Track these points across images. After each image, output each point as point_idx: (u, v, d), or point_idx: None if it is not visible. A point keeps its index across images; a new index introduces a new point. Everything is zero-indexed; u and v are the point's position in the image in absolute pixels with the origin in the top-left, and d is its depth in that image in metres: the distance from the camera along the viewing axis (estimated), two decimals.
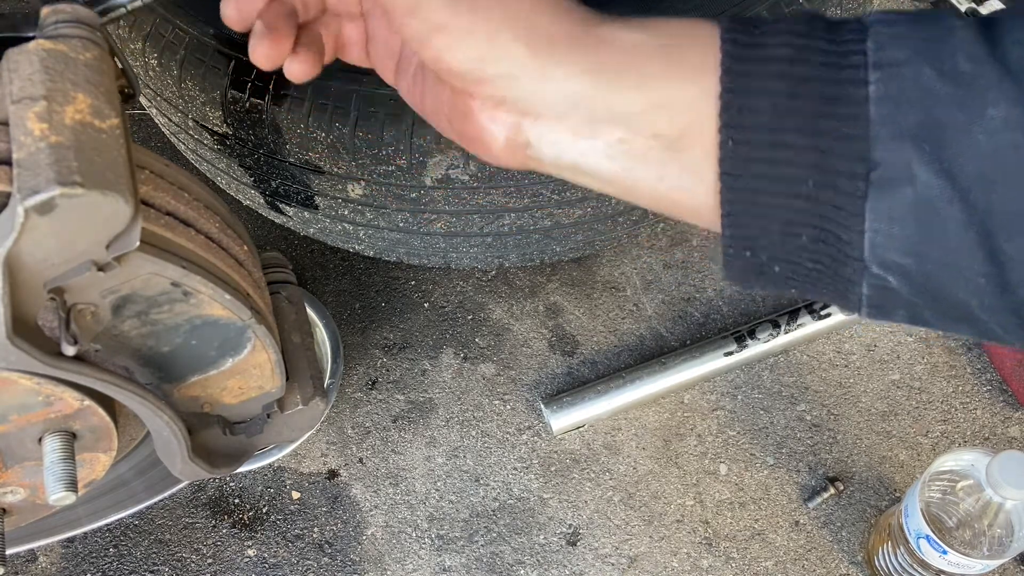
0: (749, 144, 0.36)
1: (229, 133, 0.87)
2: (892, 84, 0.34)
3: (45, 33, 0.47)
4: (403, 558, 1.03)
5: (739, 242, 0.38)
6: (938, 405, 1.10)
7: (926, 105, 0.34)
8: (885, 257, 0.36)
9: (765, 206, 0.37)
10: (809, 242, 0.37)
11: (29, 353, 0.49)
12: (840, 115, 0.35)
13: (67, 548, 1.04)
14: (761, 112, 0.36)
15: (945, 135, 0.34)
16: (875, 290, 0.37)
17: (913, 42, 0.34)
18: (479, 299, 1.19)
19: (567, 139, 0.39)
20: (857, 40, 0.35)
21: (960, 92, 0.34)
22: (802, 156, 0.35)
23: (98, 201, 0.44)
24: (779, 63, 0.36)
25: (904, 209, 0.34)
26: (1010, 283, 0.35)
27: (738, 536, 1.03)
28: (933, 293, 0.36)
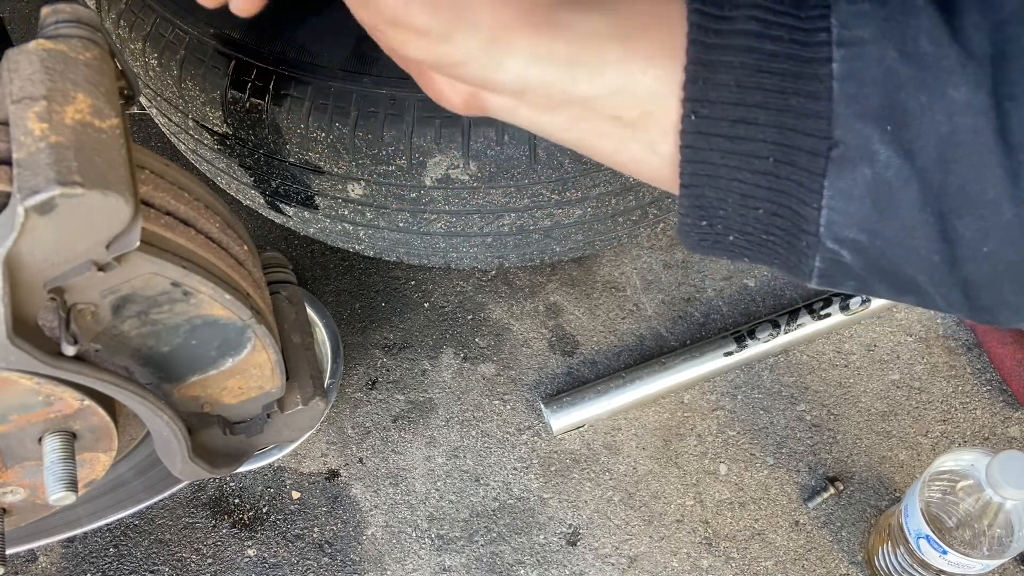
0: (712, 119, 0.36)
1: (229, 133, 0.87)
2: (856, 63, 0.34)
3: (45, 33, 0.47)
4: (403, 558, 1.03)
5: (695, 211, 0.38)
6: (938, 405, 1.10)
7: (889, 86, 0.34)
8: (840, 233, 0.36)
9: (724, 179, 0.37)
10: (765, 215, 0.37)
11: (29, 353, 0.49)
12: (804, 92, 0.34)
13: (67, 548, 1.04)
14: (726, 86, 0.35)
15: (907, 116, 0.34)
16: (828, 263, 0.37)
17: (877, 21, 0.34)
18: (479, 299, 1.19)
19: (524, 111, 0.40)
20: (822, 16, 0.35)
21: (922, 74, 0.34)
22: (765, 132, 0.35)
23: (98, 201, 0.44)
24: (747, 36, 0.35)
25: (862, 188, 0.35)
26: (958, 259, 0.35)
27: (738, 536, 1.03)
28: (884, 268, 0.37)
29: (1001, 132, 0.33)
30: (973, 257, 0.35)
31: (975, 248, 0.35)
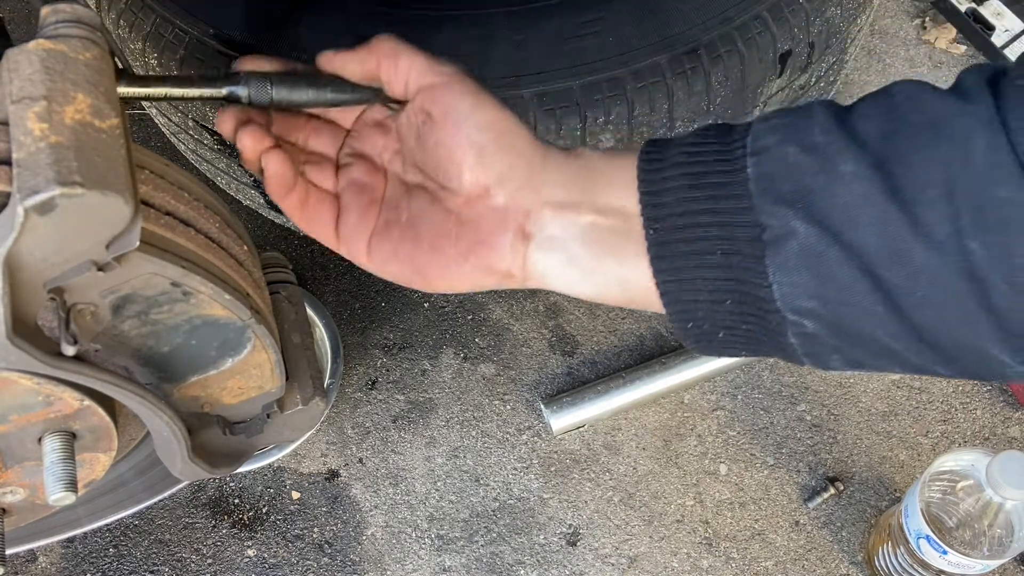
0: (666, 230, 0.45)
1: None
2: (765, 165, 0.43)
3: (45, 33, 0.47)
4: (403, 558, 1.03)
5: (680, 315, 0.46)
6: (938, 405, 1.10)
7: (793, 174, 0.42)
8: (795, 304, 0.43)
9: (690, 280, 0.45)
10: (734, 305, 0.45)
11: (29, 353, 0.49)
12: (731, 195, 0.44)
13: (67, 548, 1.04)
14: (671, 204, 0.45)
15: (812, 194, 0.42)
16: (800, 337, 0.44)
17: (781, 129, 0.44)
18: (479, 299, 1.19)
19: (559, 227, 0.48)
20: (741, 138, 0.45)
21: (818, 160, 0.42)
22: (708, 231, 0.44)
23: (98, 201, 0.44)
24: (680, 167, 0.46)
25: (795, 258, 0.42)
26: (902, 308, 0.41)
27: (738, 536, 1.03)
28: (845, 330, 0.43)
29: (892, 192, 0.40)
30: (913, 305, 0.41)
31: (910, 294, 0.41)
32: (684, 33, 0.82)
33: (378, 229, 0.53)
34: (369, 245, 0.53)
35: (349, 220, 0.53)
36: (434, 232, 0.51)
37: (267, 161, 0.52)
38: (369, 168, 0.54)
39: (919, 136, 0.41)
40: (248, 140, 0.52)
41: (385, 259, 0.53)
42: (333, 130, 0.56)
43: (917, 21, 1.41)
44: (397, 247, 0.52)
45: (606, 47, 0.81)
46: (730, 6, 0.83)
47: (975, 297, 0.40)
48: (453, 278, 0.51)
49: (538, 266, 0.50)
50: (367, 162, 0.55)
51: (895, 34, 1.40)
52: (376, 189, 0.54)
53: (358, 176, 0.54)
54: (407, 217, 0.52)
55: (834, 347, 0.44)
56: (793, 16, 0.85)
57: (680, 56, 0.82)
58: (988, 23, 1.35)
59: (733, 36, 0.83)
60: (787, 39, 0.86)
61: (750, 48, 0.84)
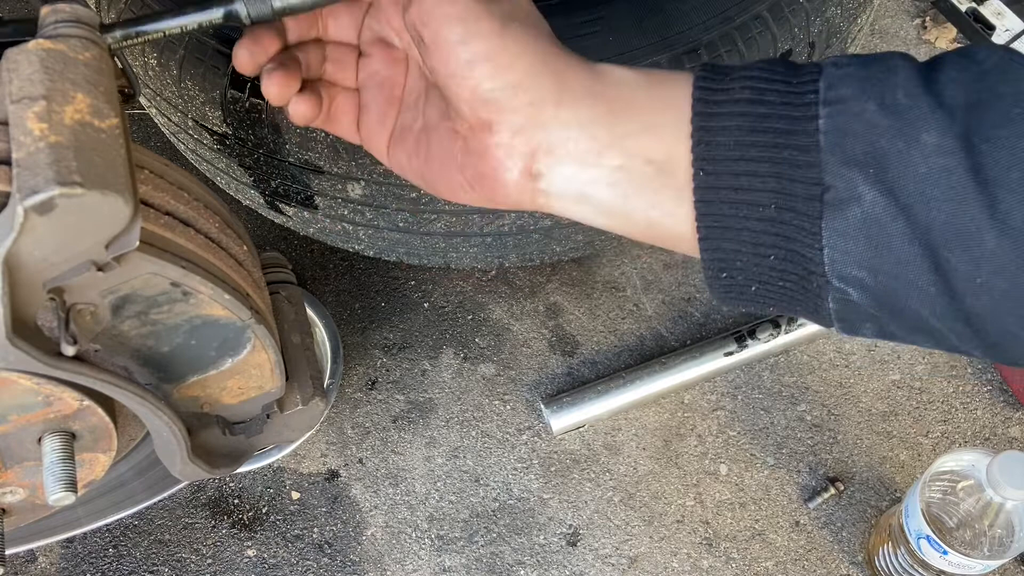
0: (717, 174, 0.41)
1: (229, 133, 0.87)
2: (839, 118, 0.40)
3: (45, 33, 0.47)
4: (403, 558, 1.03)
5: (716, 264, 0.43)
6: (938, 405, 1.10)
7: (869, 135, 0.39)
8: (843, 271, 0.40)
9: (735, 229, 0.42)
10: (777, 262, 0.42)
11: (29, 353, 0.48)
12: (795, 145, 0.40)
13: (67, 548, 1.04)
14: (726, 146, 0.41)
15: (887, 160, 0.39)
16: (840, 303, 0.42)
17: (859, 81, 0.40)
18: (479, 299, 1.19)
19: (575, 168, 0.44)
20: (812, 80, 0.41)
21: (898, 123, 0.39)
22: (764, 183, 0.40)
23: (98, 201, 0.43)
24: (741, 104, 0.41)
25: (855, 226, 0.39)
26: (956, 292, 0.39)
27: (738, 536, 1.03)
28: (890, 304, 0.41)
29: (974, 170, 0.37)
30: (969, 289, 0.39)
31: (969, 279, 0.39)
32: (684, 33, 0.82)
33: (395, 133, 0.51)
34: (388, 146, 0.51)
35: (369, 120, 0.51)
36: (443, 153, 0.48)
37: (294, 108, 0.50)
38: (390, 56, 0.51)
39: (1009, 111, 0.38)
40: (274, 89, 0.49)
41: (402, 165, 0.51)
42: (352, 10, 0.52)
43: (917, 21, 1.41)
44: (411, 157, 0.50)
45: (606, 47, 0.81)
46: (730, 6, 0.83)
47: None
48: (462, 199, 0.49)
49: (549, 202, 0.46)
50: (387, 49, 0.51)
51: (895, 34, 1.40)
52: (396, 84, 0.51)
53: (378, 68, 0.51)
54: (420, 126, 0.50)
55: (872, 317, 0.42)
56: (793, 16, 0.85)
57: (680, 56, 0.82)
58: (988, 23, 1.35)
59: (733, 36, 0.83)
60: (787, 39, 0.86)
61: (750, 48, 0.84)
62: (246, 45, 0.49)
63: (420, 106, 0.50)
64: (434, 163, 0.49)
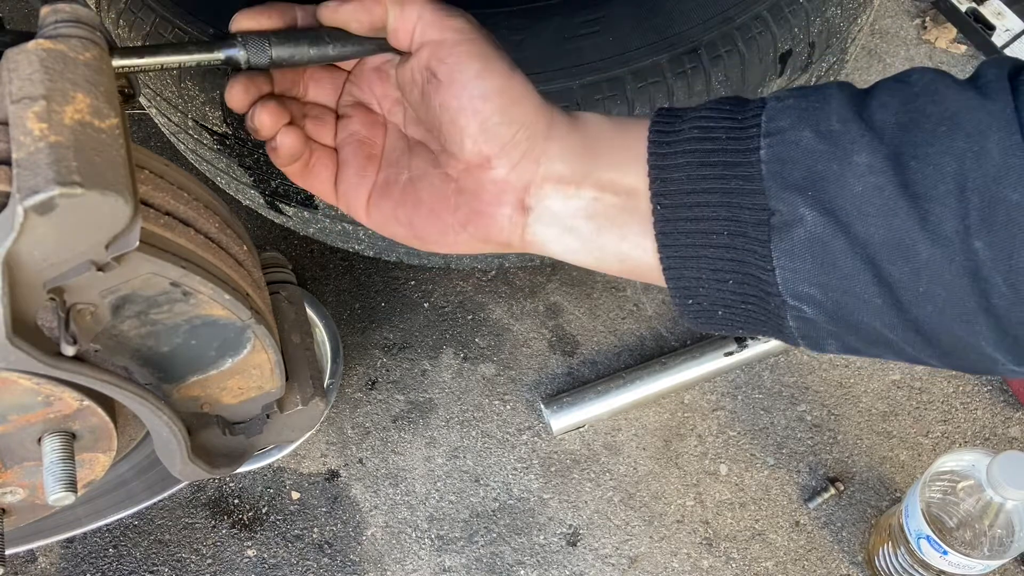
0: (673, 207, 0.45)
1: (229, 133, 0.87)
2: (779, 147, 0.43)
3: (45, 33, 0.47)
4: (403, 558, 1.03)
5: (681, 291, 0.46)
6: (938, 405, 1.10)
7: (806, 160, 0.42)
8: (796, 289, 0.43)
9: (694, 258, 0.45)
10: (736, 285, 0.45)
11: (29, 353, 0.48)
12: (741, 176, 0.43)
13: (67, 548, 1.04)
14: (679, 181, 0.45)
15: (824, 182, 0.42)
16: (798, 321, 0.44)
17: (796, 111, 0.43)
18: (479, 299, 1.19)
19: (560, 201, 0.48)
20: (755, 115, 0.44)
21: (832, 147, 0.42)
22: (716, 212, 0.44)
23: (98, 201, 0.43)
24: (691, 142, 0.45)
25: (801, 245, 0.42)
26: (902, 302, 0.42)
27: (738, 536, 1.03)
28: (844, 319, 0.43)
29: (904, 185, 0.40)
30: (913, 299, 0.41)
31: (911, 289, 0.41)
32: (684, 33, 0.82)
33: (377, 187, 0.52)
34: (368, 203, 0.53)
35: (348, 176, 0.53)
36: (433, 197, 0.51)
37: (282, 139, 0.52)
38: (369, 119, 0.54)
39: (935, 129, 0.41)
40: (267, 119, 0.51)
41: (384, 219, 0.52)
42: (333, 76, 0.54)
43: (917, 21, 1.41)
44: (396, 209, 0.52)
45: (606, 47, 0.81)
46: (730, 6, 0.83)
47: (975, 296, 0.40)
48: (451, 244, 0.51)
49: (536, 237, 0.49)
50: (367, 113, 0.54)
51: (895, 34, 1.40)
52: (375, 144, 0.53)
53: (357, 129, 0.53)
54: (407, 178, 0.52)
55: (831, 332, 0.44)
56: (793, 16, 0.85)
57: (680, 56, 0.82)
58: (988, 23, 1.35)
59: (733, 36, 0.83)
60: (787, 39, 0.86)
61: (750, 48, 0.84)
62: (242, 82, 0.52)
63: (404, 161, 0.52)
64: (423, 209, 0.51)
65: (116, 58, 0.49)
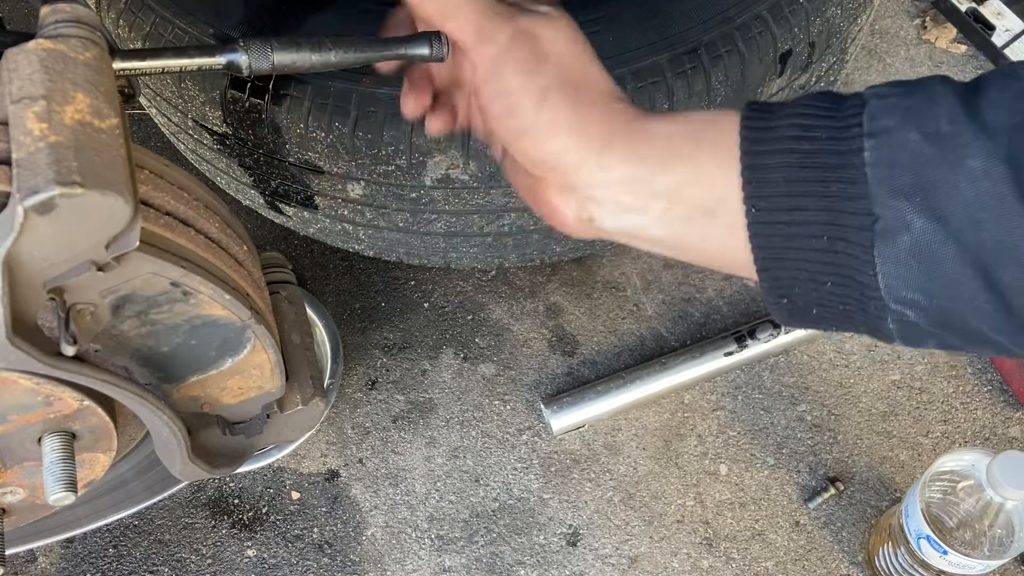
0: (769, 210, 0.43)
1: (229, 133, 0.87)
2: (885, 150, 0.41)
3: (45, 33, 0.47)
4: (403, 558, 1.03)
5: (776, 292, 0.45)
6: (938, 405, 1.10)
7: (915, 164, 0.40)
8: (899, 295, 0.42)
9: (791, 260, 0.44)
10: (834, 288, 0.44)
11: (29, 353, 0.49)
12: (843, 179, 0.41)
13: (67, 548, 1.04)
14: (776, 183, 0.43)
15: (934, 188, 0.40)
16: (899, 324, 0.43)
17: (902, 111, 0.41)
18: (479, 299, 1.19)
19: (622, 214, 0.48)
20: (855, 113, 0.42)
21: (942, 151, 0.40)
22: (816, 216, 0.42)
23: (98, 201, 0.44)
24: (788, 141, 0.43)
25: (907, 252, 0.40)
26: (1013, 307, 0.40)
27: (738, 536, 1.03)
28: (949, 323, 0.42)
29: (1021, 191, 0.38)
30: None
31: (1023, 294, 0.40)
32: (684, 33, 0.82)
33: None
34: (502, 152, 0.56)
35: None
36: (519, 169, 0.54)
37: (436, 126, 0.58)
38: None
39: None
40: (438, 125, 0.58)
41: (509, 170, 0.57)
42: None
43: (917, 21, 1.41)
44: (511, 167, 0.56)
45: (606, 47, 0.81)
46: (730, 6, 0.83)
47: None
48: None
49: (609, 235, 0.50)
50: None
51: (895, 34, 1.40)
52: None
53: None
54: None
55: (932, 334, 0.43)
56: (793, 16, 0.85)
57: (680, 56, 0.82)
58: (988, 23, 1.35)
59: (733, 36, 0.83)
60: (787, 39, 0.86)
61: (750, 48, 0.84)
62: (414, 98, 0.58)
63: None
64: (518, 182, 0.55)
65: (118, 61, 0.50)
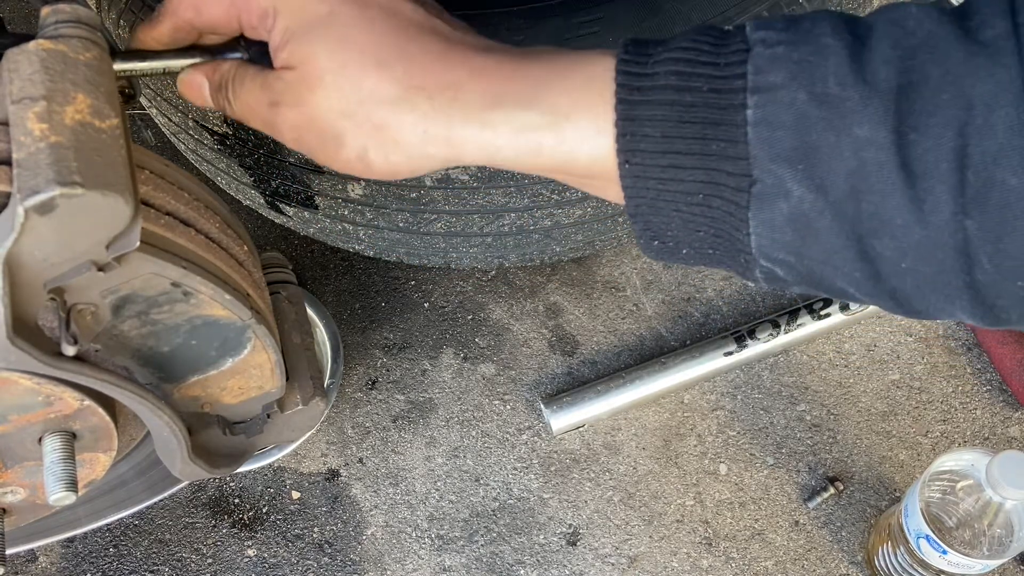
0: (643, 165, 0.41)
1: (229, 133, 0.87)
2: (768, 108, 0.38)
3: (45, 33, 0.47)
4: (403, 558, 1.03)
5: (646, 234, 0.44)
6: (938, 405, 1.10)
7: (799, 129, 0.38)
8: (771, 255, 0.41)
9: (665, 210, 0.42)
10: (707, 236, 0.42)
11: (29, 353, 0.49)
12: (723, 137, 0.39)
13: (67, 548, 1.04)
14: (652, 138, 0.40)
15: (816, 155, 0.38)
16: (767, 275, 0.43)
17: (789, 65, 0.38)
18: (479, 299, 1.19)
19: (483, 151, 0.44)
20: (740, 61, 0.39)
21: (829, 115, 0.37)
22: (692, 174, 0.40)
23: (98, 201, 0.44)
24: (667, 91, 0.40)
25: (782, 219, 0.39)
26: (882, 275, 0.40)
27: (738, 536, 1.03)
28: (816, 282, 0.42)
29: (904, 164, 0.37)
30: (894, 272, 0.40)
31: (894, 265, 0.39)
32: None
33: None
34: None
35: None
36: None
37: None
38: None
39: (937, 96, 0.37)
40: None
41: None
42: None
43: None
44: None
45: (606, 47, 0.81)
46: (730, 6, 0.83)
47: (960, 273, 0.39)
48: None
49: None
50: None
51: None
52: None
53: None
54: None
55: (798, 287, 0.43)
56: None
57: None
58: None
59: None
60: None
61: None
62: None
63: None
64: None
65: (119, 62, 0.50)
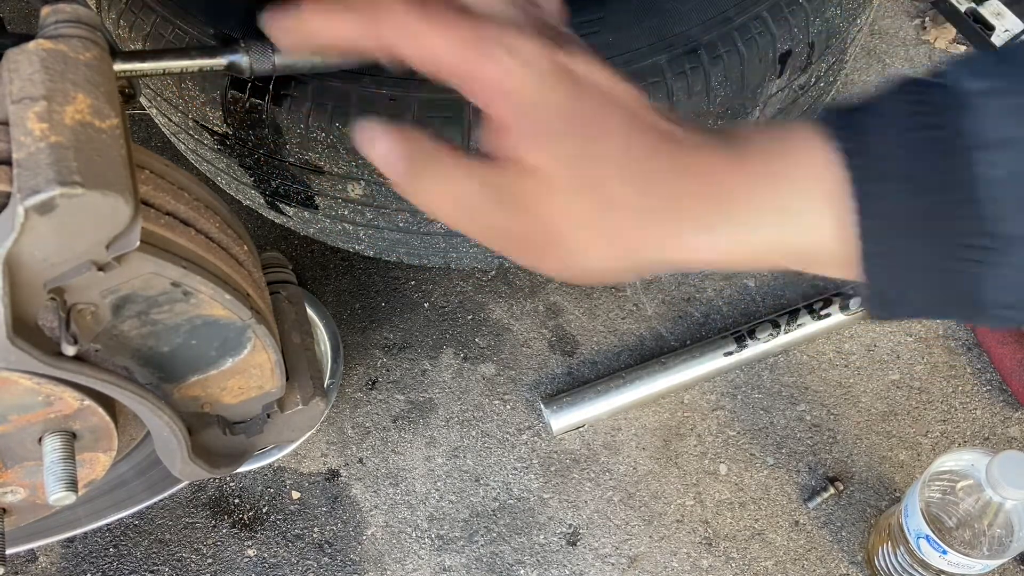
0: (883, 251, 0.37)
1: (229, 133, 0.87)
2: (1004, 166, 0.35)
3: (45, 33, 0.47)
4: (403, 558, 1.03)
5: (880, 304, 0.40)
6: (938, 405, 1.10)
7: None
8: (1007, 303, 0.37)
9: (901, 283, 0.38)
10: (939, 296, 0.38)
11: (29, 353, 0.49)
12: (953, 200, 0.35)
13: (67, 548, 1.04)
14: (891, 218, 0.37)
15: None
16: (998, 319, 0.39)
17: (1019, 114, 0.35)
18: (479, 299, 1.19)
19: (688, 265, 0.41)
20: (954, 116, 0.35)
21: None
22: (929, 244, 0.36)
23: (98, 201, 0.44)
24: (897, 170, 0.36)
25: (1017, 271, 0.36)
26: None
27: (738, 536, 1.03)
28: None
29: None
30: None
31: None
32: (684, 33, 0.82)
33: None
34: None
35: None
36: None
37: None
38: None
39: None
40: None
41: None
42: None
43: (917, 21, 1.41)
44: None
45: (606, 47, 0.81)
46: (730, 6, 0.83)
47: None
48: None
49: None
50: None
51: (895, 34, 1.40)
52: None
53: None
54: None
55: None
56: (793, 16, 0.85)
57: (680, 56, 0.82)
58: (988, 23, 1.35)
59: (733, 36, 0.83)
60: (787, 39, 0.86)
61: (750, 48, 0.84)
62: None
63: None
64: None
65: (119, 62, 0.50)
